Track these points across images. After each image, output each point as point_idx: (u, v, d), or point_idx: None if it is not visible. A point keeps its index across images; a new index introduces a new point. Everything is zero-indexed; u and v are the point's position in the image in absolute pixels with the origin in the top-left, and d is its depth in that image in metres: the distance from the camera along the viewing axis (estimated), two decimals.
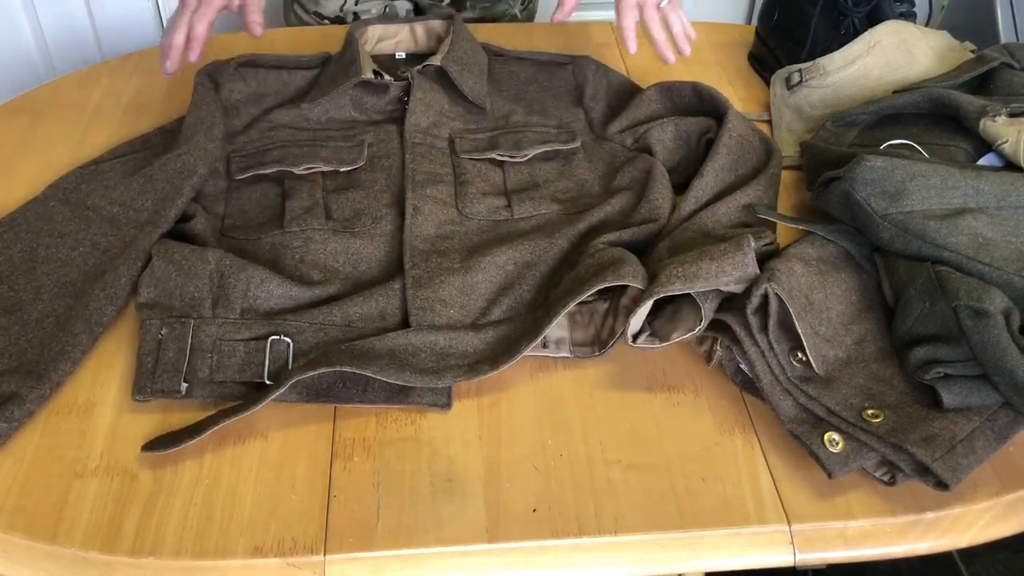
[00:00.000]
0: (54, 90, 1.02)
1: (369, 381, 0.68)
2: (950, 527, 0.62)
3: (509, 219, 0.82)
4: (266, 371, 0.68)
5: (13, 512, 0.61)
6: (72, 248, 0.77)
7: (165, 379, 0.67)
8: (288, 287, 0.72)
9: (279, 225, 0.79)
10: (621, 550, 0.60)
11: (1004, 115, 0.82)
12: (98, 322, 0.71)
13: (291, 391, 0.67)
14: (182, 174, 0.82)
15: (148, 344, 0.69)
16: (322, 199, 0.82)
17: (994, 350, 0.62)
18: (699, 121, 0.89)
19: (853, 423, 0.63)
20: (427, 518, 0.61)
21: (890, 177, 0.73)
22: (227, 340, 0.69)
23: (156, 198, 0.80)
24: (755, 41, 1.10)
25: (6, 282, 0.74)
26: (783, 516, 0.61)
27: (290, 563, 0.58)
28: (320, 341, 0.70)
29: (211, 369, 0.68)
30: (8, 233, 0.78)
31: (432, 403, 0.68)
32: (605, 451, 0.65)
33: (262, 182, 0.85)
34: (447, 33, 1.00)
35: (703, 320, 0.67)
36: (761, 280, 0.66)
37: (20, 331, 0.71)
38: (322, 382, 0.68)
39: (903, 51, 0.97)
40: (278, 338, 0.69)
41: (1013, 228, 0.71)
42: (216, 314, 0.71)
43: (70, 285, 0.74)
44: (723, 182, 0.83)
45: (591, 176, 0.88)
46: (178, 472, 0.63)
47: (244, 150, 0.88)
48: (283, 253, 0.77)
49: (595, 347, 0.72)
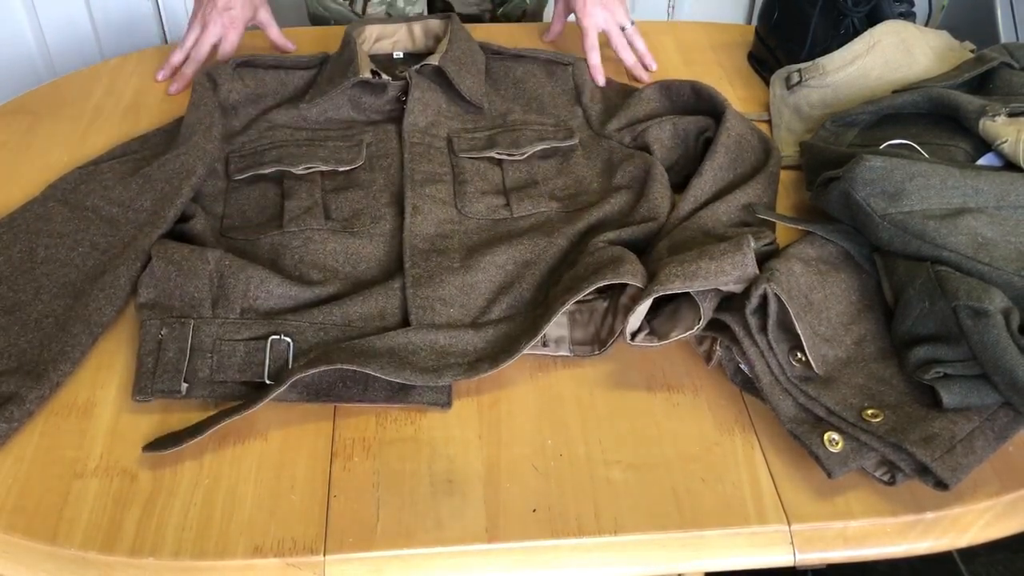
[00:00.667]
0: (54, 90, 1.02)
1: (369, 380, 0.68)
2: (950, 527, 0.62)
3: (508, 218, 0.82)
4: (266, 371, 0.68)
5: (13, 512, 0.61)
6: (71, 248, 0.77)
7: (165, 379, 0.67)
8: (288, 287, 0.72)
9: (278, 225, 0.79)
10: (621, 550, 0.60)
11: (1004, 115, 0.82)
12: (98, 322, 0.71)
13: (291, 390, 0.67)
14: (181, 174, 0.82)
15: (148, 344, 0.69)
16: (321, 199, 0.82)
17: (994, 350, 0.62)
18: (697, 120, 0.89)
19: (853, 423, 0.63)
20: (427, 518, 0.61)
21: (890, 177, 0.73)
22: (227, 340, 0.69)
23: (155, 198, 0.80)
24: (755, 41, 1.10)
25: (5, 283, 0.74)
26: (783, 516, 0.61)
27: (290, 563, 0.58)
28: (320, 341, 0.70)
29: (211, 369, 0.68)
30: (7, 234, 0.78)
31: (433, 402, 0.68)
32: (605, 451, 0.65)
33: (261, 182, 0.85)
34: (445, 32, 1.00)
35: (702, 319, 0.67)
36: (760, 280, 0.66)
37: (20, 331, 0.71)
38: (322, 381, 0.68)
39: (903, 51, 0.97)
40: (278, 338, 0.69)
41: (1013, 228, 0.71)
42: (216, 314, 0.71)
43: (70, 285, 0.74)
44: (722, 181, 0.83)
45: (589, 173, 0.88)
46: (178, 472, 0.63)
47: (242, 150, 0.88)
48: (282, 253, 0.77)
49: (595, 346, 0.72)
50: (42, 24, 1.55)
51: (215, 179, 0.86)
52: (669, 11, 1.81)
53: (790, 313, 0.65)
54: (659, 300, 0.69)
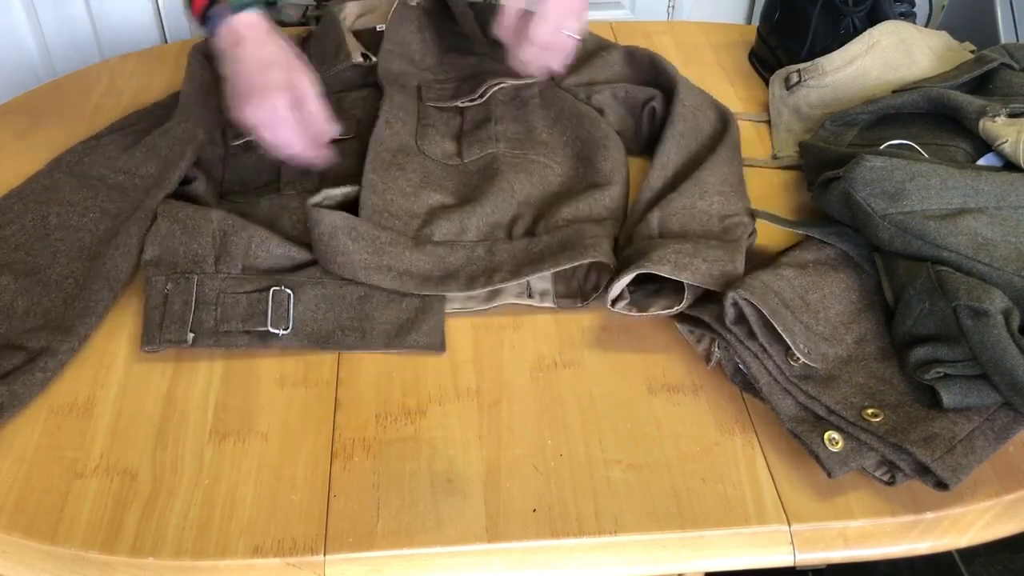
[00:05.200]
0: (54, 90, 1.02)
1: (367, 328, 0.72)
2: (950, 527, 0.62)
3: (459, 164, 0.86)
4: (268, 319, 0.71)
5: (13, 512, 0.61)
6: (82, 215, 0.80)
7: (173, 330, 0.70)
8: (287, 247, 0.75)
9: (276, 188, 0.83)
10: (621, 550, 0.60)
11: (1004, 115, 0.82)
12: (116, 278, 0.74)
13: (295, 337, 0.71)
14: (183, 140, 0.85)
15: (155, 299, 0.72)
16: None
17: (994, 350, 0.62)
18: (645, 90, 0.93)
19: (853, 422, 0.63)
20: (427, 518, 0.61)
21: (890, 177, 0.73)
22: (230, 293, 0.72)
23: (159, 164, 0.83)
24: (757, 40, 1.10)
25: (22, 249, 0.77)
26: (783, 516, 0.61)
27: (290, 563, 0.58)
28: (319, 294, 0.73)
29: (216, 320, 0.71)
30: (18, 204, 0.81)
31: (427, 346, 0.71)
32: (605, 451, 0.65)
33: (258, 148, 0.88)
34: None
35: (685, 299, 0.70)
36: (728, 290, 0.67)
37: (42, 292, 0.73)
38: (322, 329, 0.72)
39: (902, 51, 0.97)
40: (279, 289, 0.72)
41: (1013, 228, 0.71)
42: (219, 269, 0.74)
43: (85, 249, 0.77)
44: (687, 149, 0.86)
45: (541, 123, 0.91)
46: (178, 472, 0.63)
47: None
48: (280, 215, 0.80)
49: (578, 299, 0.76)
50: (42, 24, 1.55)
51: (214, 146, 0.89)
52: (669, 11, 1.81)
53: (765, 314, 0.66)
54: (644, 275, 0.72)
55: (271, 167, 0.85)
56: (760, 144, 0.95)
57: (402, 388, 0.69)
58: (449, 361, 0.71)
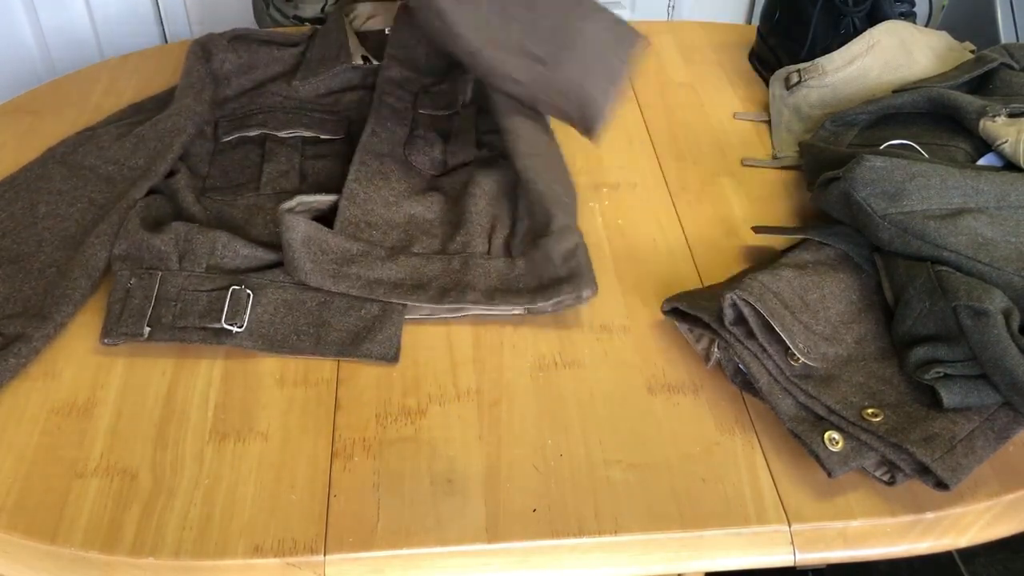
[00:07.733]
0: (54, 90, 1.02)
1: (321, 334, 0.72)
2: (950, 527, 0.62)
3: (443, 174, 0.86)
4: (224, 315, 0.71)
5: (13, 512, 0.61)
6: (70, 204, 0.81)
7: (130, 323, 0.71)
8: (254, 249, 0.75)
9: (255, 187, 0.84)
10: (621, 550, 0.60)
11: (1004, 115, 0.82)
12: (95, 267, 0.75)
13: (247, 338, 0.71)
14: (172, 132, 0.86)
15: (117, 292, 0.73)
16: (299, 164, 0.86)
17: (994, 350, 0.62)
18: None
19: (853, 422, 0.63)
20: (427, 518, 0.61)
21: (890, 177, 0.73)
22: (191, 290, 0.73)
23: (148, 155, 0.85)
24: (757, 40, 1.10)
25: (9, 236, 0.78)
26: (783, 516, 0.61)
27: (290, 563, 0.58)
28: (280, 298, 0.73)
29: (174, 315, 0.72)
30: (9, 191, 0.82)
31: (380, 356, 0.70)
32: (605, 451, 0.65)
33: (245, 145, 0.89)
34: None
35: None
36: (726, 292, 0.66)
37: (24, 279, 0.74)
38: (277, 332, 0.72)
39: (902, 51, 0.97)
40: (239, 288, 0.73)
41: (1013, 228, 0.71)
42: (183, 267, 0.74)
43: (70, 238, 0.78)
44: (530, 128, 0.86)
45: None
46: (178, 472, 0.63)
47: (232, 115, 0.92)
48: (256, 214, 0.81)
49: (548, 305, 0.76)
50: (42, 24, 1.55)
51: (203, 141, 0.90)
52: (669, 11, 1.81)
53: (763, 314, 0.66)
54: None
55: (255, 166, 0.86)
56: (760, 144, 0.95)
57: (402, 388, 0.69)
58: (449, 361, 0.71)
